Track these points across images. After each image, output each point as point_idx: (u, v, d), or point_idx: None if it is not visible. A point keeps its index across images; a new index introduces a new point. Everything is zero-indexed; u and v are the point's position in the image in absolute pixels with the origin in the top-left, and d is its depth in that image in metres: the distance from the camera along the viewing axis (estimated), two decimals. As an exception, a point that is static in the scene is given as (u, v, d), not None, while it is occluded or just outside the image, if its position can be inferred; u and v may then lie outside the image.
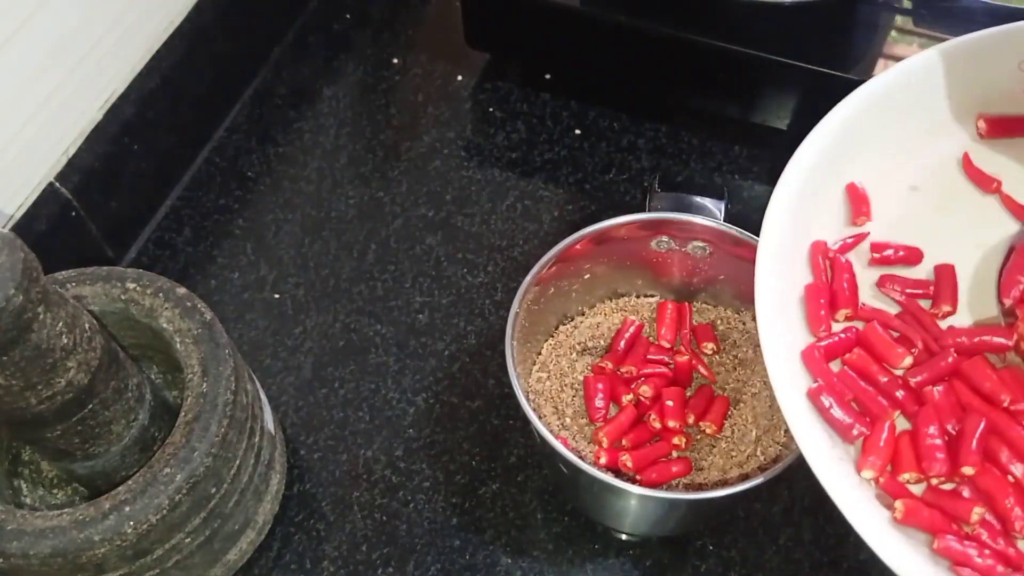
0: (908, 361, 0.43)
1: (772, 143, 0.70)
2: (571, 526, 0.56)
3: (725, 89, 0.68)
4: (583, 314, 0.58)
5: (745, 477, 0.50)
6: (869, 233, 0.47)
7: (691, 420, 0.53)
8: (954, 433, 0.41)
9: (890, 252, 0.46)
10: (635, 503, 0.50)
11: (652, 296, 0.58)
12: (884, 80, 0.47)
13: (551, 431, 0.49)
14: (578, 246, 0.53)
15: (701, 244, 0.54)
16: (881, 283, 0.46)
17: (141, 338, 0.52)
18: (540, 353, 0.57)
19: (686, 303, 0.58)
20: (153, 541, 0.45)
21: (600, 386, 0.54)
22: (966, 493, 0.40)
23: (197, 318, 0.49)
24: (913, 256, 0.46)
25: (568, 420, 0.54)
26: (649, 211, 0.59)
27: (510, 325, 0.50)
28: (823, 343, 0.43)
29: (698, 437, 0.53)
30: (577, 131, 0.73)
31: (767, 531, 0.56)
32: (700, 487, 0.51)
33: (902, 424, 0.42)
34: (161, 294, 0.50)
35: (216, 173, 0.72)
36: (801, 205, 0.45)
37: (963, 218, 0.48)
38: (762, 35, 0.63)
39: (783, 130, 0.67)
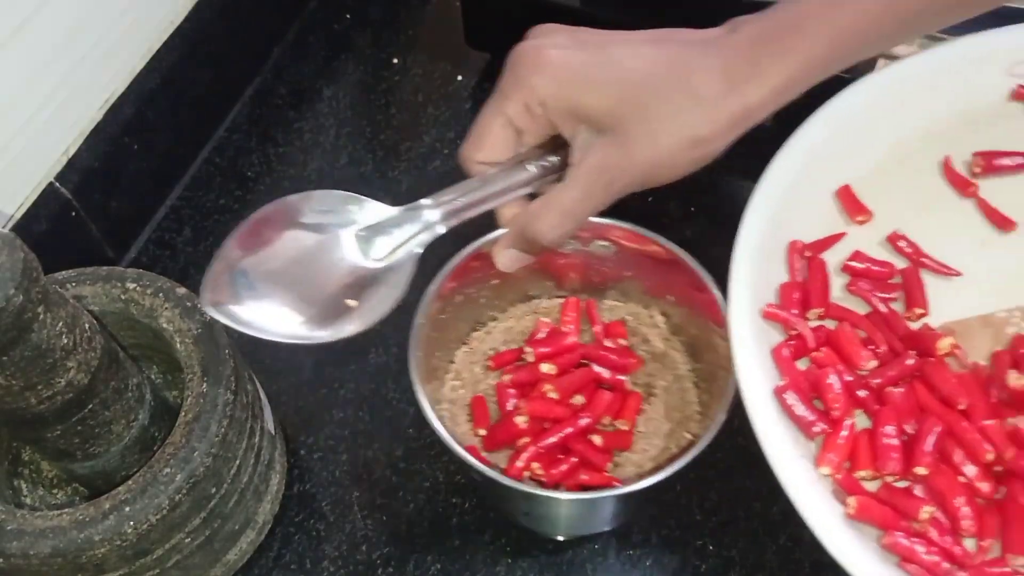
0: (872, 363, 0.44)
1: (755, 138, 0.70)
2: (571, 526, 0.56)
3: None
4: (495, 319, 0.58)
5: (659, 468, 0.48)
6: (846, 234, 0.47)
7: (607, 420, 0.53)
8: (912, 433, 0.42)
9: (867, 265, 0.47)
10: (561, 507, 0.49)
11: (563, 296, 0.58)
12: (873, 81, 0.47)
13: (467, 441, 0.48)
14: (475, 262, 0.52)
15: (604, 243, 0.54)
16: (852, 283, 0.47)
17: (141, 338, 0.52)
18: (453, 361, 0.56)
19: (592, 299, 0.57)
20: (153, 541, 0.45)
21: (512, 391, 0.53)
22: (918, 491, 0.42)
23: (197, 318, 0.49)
24: (887, 272, 0.48)
25: (483, 428, 0.53)
26: None
27: (413, 337, 0.49)
28: (792, 342, 0.44)
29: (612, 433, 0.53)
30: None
31: (767, 531, 0.56)
32: (616, 483, 0.50)
33: (863, 423, 0.43)
34: (161, 294, 0.50)
35: (216, 173, 0.72)
36: (782, 204, 0.45)
37: (942, 219, 0.48)
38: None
39: (767, 126, 0.67)
